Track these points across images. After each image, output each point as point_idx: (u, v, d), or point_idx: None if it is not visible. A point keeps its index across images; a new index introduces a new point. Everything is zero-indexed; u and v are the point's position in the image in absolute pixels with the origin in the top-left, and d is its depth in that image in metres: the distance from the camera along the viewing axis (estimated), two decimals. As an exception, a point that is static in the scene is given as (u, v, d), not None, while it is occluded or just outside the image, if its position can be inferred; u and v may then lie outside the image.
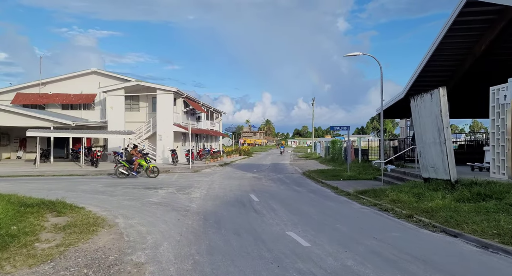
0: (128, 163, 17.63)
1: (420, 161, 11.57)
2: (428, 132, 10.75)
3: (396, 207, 9.47)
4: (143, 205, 9.93)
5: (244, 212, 9.30)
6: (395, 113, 23.02)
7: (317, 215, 9.00)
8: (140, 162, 17.57)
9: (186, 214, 8.86)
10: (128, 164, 17.62)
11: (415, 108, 11.45)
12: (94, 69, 30.22)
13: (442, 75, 17.86)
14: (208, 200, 11.25)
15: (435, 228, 7.39)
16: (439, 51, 15.67)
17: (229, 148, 49.11)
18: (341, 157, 29.90)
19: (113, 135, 25.19)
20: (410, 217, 8.44)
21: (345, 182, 15.93)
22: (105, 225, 7.37)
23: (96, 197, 11.48)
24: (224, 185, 15.23)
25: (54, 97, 29.30)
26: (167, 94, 27.74)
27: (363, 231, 7.25)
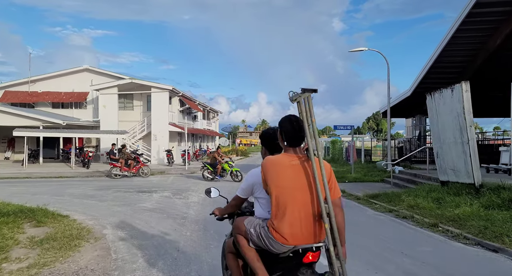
0: (212, 167, 16.71)
1: (437, 162, 10.68)
2: (447, 131, 9.87)
3: (416, 214, 8.56)
4: (135, 212, 8.94)
5: (248, 220, 8.34)
6: (400, 112, 22.18)
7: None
8: (223, 166, 16.57)
9: (184, 222, 7.89)
10: (212, 167, 16.70)
11: (432, 105, 10.56)
12: (86, 66, 29.12)
13: (452, 71, 17.03)
14: (207, 205, 10.28)
15: (468, 240, 6.48)
16: (450, 46, 14.82)
17: (226, 148, 48.14)
18: (342, 158, 29.04)
19: (105, 134, 24.12)
20: (434, 226, 7.53)
21: (351, 185, 15.03)
22: (90, 237, 6.38)
23: (84, 202, 10.47)
24: (224, 188, 14.21)
25: (44, 95, 28.14)
26: (162, 92, 26.75)
27: (388, 245, 6.32)
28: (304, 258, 2.69)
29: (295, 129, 2.72)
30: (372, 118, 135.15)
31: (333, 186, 2.74)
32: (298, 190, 2.64)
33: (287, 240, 2.60)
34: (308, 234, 2.65)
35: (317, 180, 2.60)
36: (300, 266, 2.71)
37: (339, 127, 19.50)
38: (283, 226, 2.60)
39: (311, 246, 2.66)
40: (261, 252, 2.79)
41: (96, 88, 26.71)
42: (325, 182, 2.63)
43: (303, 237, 2.64)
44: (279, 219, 2.62)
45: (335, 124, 19.22)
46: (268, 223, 2.69)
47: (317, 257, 2.75)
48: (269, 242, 2.67)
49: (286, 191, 2.63)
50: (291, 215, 2.61)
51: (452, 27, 13.84)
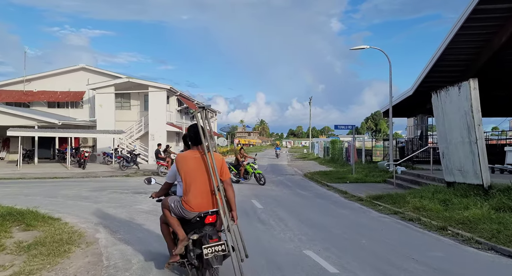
0: (235, 168, 15.74)
1: (443, 163, 10.36)
2: (454, 131, 9.55)
3: (423, 217, 8.23)
4: (131, 215, 8.57)
5: (248, 223, 8.00)
6: (402, 112, 21.85)
7: (333, 226, 7.74)
8: (246, 168, 15.51)
9: (181, 226, 7.53)
10: (236, 169, 15.74)
11: (438, 104, 10.24)
12: (83, 65, 28.70)
13: (455, 70, 16.73)
14: (205, 207, 9.93)
15: (480, 245, 6.15)
16: (453, 44, 14.51)
17: (225, 148, 47.76)
18: (342, 158, 28.71)
19: (102, 134, 23.75)
20: (443, 230, 7.20)
21: (353, 185, 14.70)
22: (82, 242, 6.02)
23: (78, 204, 10.09)
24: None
25: (40, 94, 27.71)
26: (160, 91, 26.37)
27: (396, 249, 5.99)
28: (206, 220, 4.09)
29: (194, 135, 4.23)
30: (370, 118, 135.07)
31: (224, 171, 4.18)
32: (198, 174, 4.06)
33: (193, 208, 4.01)
34: (207, 204, 4.06)
35: (209, 167, 4.06)
36: (204, 226, 4.11)
37: (340, 127, 19.16)
38: (190, 199, 4.00)
39: (209, 211, 4.07)
40: (180, 220, 4.18)
41: (93, 87, 26.31)
42: (216, 168, 4.07)
43: (204, 206, 4.05)
44: (187, 194, 4.02)
45: (336, 124, 18.79)
46: (181, 199, 4.07)
47: (215, 219, 4.14)
48: (182, 211, 4.06)
49: (190, 175, 4.05)
50: (194, 191, 4.01)
51: (455, 25, 13.53)
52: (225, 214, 4.10)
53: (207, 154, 4.10)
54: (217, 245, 3.91)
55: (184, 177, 4.05)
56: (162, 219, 4.58)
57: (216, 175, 4.05)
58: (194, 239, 4.08)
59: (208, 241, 3.94)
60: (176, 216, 4.17)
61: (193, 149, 4.25)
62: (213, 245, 3.90)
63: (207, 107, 4.58)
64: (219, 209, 4.07)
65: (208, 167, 4.07)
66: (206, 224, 4.10)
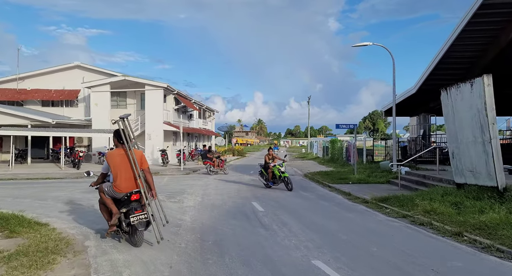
0: (265, 171, 14.20)
1: (452, 163, 9.90)
2: (465, 130, 9.08)
3: (434, 221, 7.76)
4: (124, 219, 8.04)
5: (249, 227, 7.51)
6: (404, 111, 21.41)
7: (340, 231, 7.25)
8: (274, 171, 13.66)
9: (178, 231, 7.04)
10: (266, 172, 14.17)
11: (447, 102, 9.77)
12: (77, 63, 28.09)
13: (460, 67, 16.29)
14: (203, 210, 9.44)
15: (502, 253, 5.68)
16: (459, 41, 14.05)
17: (222, 148, 47.24)
18: (342, 158, 28.26)
19: (97, 134, 23.22)
20: (458, 235, 6.73)
21: (356, 187, 14.24)
22: (69, 251, 5.50)
23: (69, 207, 9.55)
24: (221, 190, 13.41)
25: (33, 93, 27.10)
26: (157, 90, 25.83)
27: (412, 258, 5.51)
28: (131, 198, 5.71)
29: (117, 138, 5.87)
30: (368, 117, 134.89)
31: (143, 162, 5.90)
32: (123, 166, 5.73)
33: (122, 190, 5.71)
34: (132, 186, 5.75)
35: (131, 160, 5.72)
36: (131, 202, 5.73)
37: (342, 126, 18.69)
38: (118, 184, 5.70)
39: (133, 191, 5.71)
40: (113, 199, 5.77)
41: (88, 85, 25.74)
42: (136, 160, 5.74)
43: (129, 187, 5.73)
44: (116, 180, 5.71)
45: (335, 123, 18.33)
46: (112, 184, 5.75)
47: (138, 197, 5.76)
48: (114, 193, 5.74)
49: (117, 167, 5.72)
50: (121, 178, 5.70)
51: (462, 21, 13.07)
52: (145, 192, 5.80)
53: (128, 151, 5.79)
54: (141, 215, 5.58)
55: (113, 168, 5.77)
56: (100, 201, 6.08)
57: (137, 166, 5.76)
58: (124, 212, 5.71)
59: (134, 212, 5.58)
60: (110, 196, 5.83)
61: (118, 147, 5.95)
62: (138, 215, 5.56)
63: (126, 117, 6.11)
64: (141, 189, 5.75)
65: (130, 160, 5.76)
66: (132, 200, 5.76)
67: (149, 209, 5.70)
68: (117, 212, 5.66)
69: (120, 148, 5.86)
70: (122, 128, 5.82)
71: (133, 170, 5.72)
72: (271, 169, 13.73)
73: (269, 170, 13.81)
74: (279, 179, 13.64)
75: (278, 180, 13.76)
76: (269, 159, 14.01)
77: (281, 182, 13.68)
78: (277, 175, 13.58)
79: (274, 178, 13.81)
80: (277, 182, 13.87)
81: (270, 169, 13.77)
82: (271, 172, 13.73)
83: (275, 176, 13.76)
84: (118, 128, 5.85)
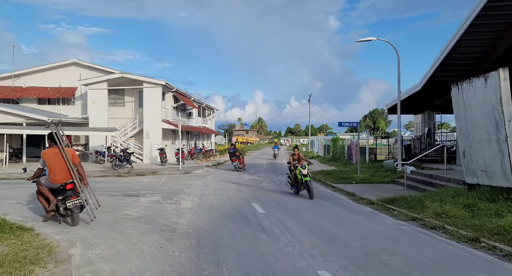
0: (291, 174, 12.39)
1: (463, 163, 9.39)
2: (478, 127, 8.57)
3: (447, 224, 7.26)
4: (116, 223, 7.55)
5: (249, 232, 7.00)
6: (408, 108, 20.86)
7: (347, 236, 6.75)
8: (297, 174, 11.70)
9: (172, 236, 6.53)
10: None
11: (458, 98, 9.25)
12: (74, 60, 27.53)
13: (467, 63, 15.75)
14: (201, 212, 8.93)
15: (527, 261, 5.18)
16: (467, 35, 13.49)
17: (222, 146, 46.73)
18: (344, 157, 27.75)
19: (93, 132, 22.68)
20: (475, 241, 6.22)
21: (360, 187, 13.74)
22: (50, 260, 5.00)
23: (59, 209, 9.05)
24: (220, 190, 12.91)
25: (29, 90, 26.55)
26: (155, 87, 25.27)
27: (429, 268, 5.00)
28: (67, 187, 6.93)
29: (50, 140, 7.18)
30: (368, 116, 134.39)
31: (74, 157, 7.19)
32: (58, 161, 6.96)
33: (57, 181, 6.94)
34: (66, 177, 6.98)
35: (64, 156, 7.02)
36: (66, 191, 6.94)
37: (344, 124, 18.19)
38: (53, 177, 6.93)
39: (67, 181, 6.96)
40: (50, 190, 7.01)
41: (85, 82, 25.19)
42: (68, 156, 7.05)
43: (64, 179, 6.97)
44: (51, 174, 6.93)
45: (335, 121, 17.82)
46: (49, 177, 6.96)
47: (72, 186, 6.99)
48: (50, 184, 6.97)
49: (52, 162, 6.93)
50: (56, 171, 6.92)
51: (471, 14, 12.52)
52: (78, 182, 7.05)
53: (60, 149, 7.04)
54: (75, 200, 6.84)
55: (48, 164, 6.93)
56: (37, 192, 7.16)
57: (70, 160, 7.01)
58: (60, 199, 6.88)
59: (70, 199, 6.81)
60: (47, 187, 6.98)
61: (53, 146, 7.09)
62: (73, 200, 6.81)
63: (58, 122, 7.44)
64: (74, 180, 7.01)
65: (63, 156, 7.00)
66: (67, 189, 6.94)
67: (82, 195, 7.06)
68: (54, 200, 6.88)
69: (54, 147, 7.06)
70: (54, 131, 7.12)
71: (66, 164, 6.99)
72: (294, 172, 11.89)
73: (293, 173, 12.02)
74: (301, 183, 11.69)
75: (300, 185, 11.79)
76: (293, 160, 12.12)
77: (304, 188, 11.69)
78: (299, 179, 11.64)
79: (297, 182, 11.94)
80: (300, 187, 11.93)
81: (294, 171, 11.92)
82: (294, 175, 11.88)
83: (296, 179, 11.90)
84: (51, 131, 7.14)
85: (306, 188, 11.43)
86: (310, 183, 11.42)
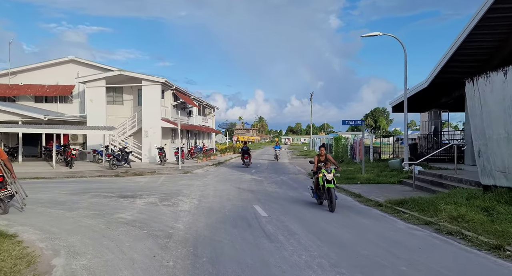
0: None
1: (478, 163, 8.84)
2: (495, 125, 8.02)
3: (465, 230, 6.72)
4: (108, 227, 7.03)
5: (251, 238, 6.47)
6: (414, 106, 20.30)
7: (357, 243, 6.21)
8: (319, 178, 9.46)
9: (167, 243, 5.99)
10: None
11: (473, 93, 8.70)
12: (72, 57, 26.98)
13: (476, 59, 15.18)
14: (199, 215, 8.40)
15: (561, 274, 4.64)
16: (477, 29, 12.94)
17: (223, 145, 46.20)
18: (347, 156, 27.19)
19: (91, 131, 22.19)
20: (499, 249, 5.68)
21: (366, 187, 13.20)
22: (28, 273, 4.47)
23: (49, 212, 8.54)
24: (220, 191, 12.38)
25: (26, 88, 26.01)
26: (154, 85, 24.74)
27: (452, 282, 4.46)
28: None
29: None
30: (370, 115, 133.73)
31: (1, 154, 8.25)
32: None
33: None
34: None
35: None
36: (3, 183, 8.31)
37: (348, 122, 17.65)
38: None
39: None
40: None
41: (82, 80, 24.67)
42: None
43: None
44: None
45: (337, 120, 17.29)
46: None
47: (2, 179, 8.06)
48: None
49: None
50: None
51: (483, 6, 11.96)
52: (8, 176, 8.05)
53: None
54: (5, 191, 7.93)
55: None
56: None
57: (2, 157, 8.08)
58: None
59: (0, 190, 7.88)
60: None
61: None
62: (3, 192, 7.90)
63: None
64: (3, 174, 8.00)
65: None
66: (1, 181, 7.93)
67: (12, 187, 8.11)
68: None
69: None
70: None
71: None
72: (317, 175, 9.69)
73: (316, 177, 9.79)
74: (322, 190, 9.51)
75: (322, 192, 9.55)
76: (319, 161, 9.92)
77: (326, 197, 9.41)
78: (320, 184, 9.45)
79: (318, 189, 9.76)
80: (322, 196, 9.65)
81: (317, 176, 9.71)
82: (317, 179, 9.67)
83: (319, 187, 9.69)
84: None
85: (328, 197, 9.23)
86: (334, 192, 9.16)
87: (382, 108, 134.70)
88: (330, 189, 9.13)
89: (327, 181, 9.21)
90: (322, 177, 9.35)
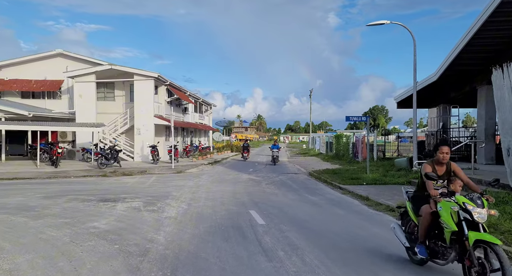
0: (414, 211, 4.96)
1: (507, 162, 7.72)
2: (531, 119, 6.88)
3: (503, 243, 5.58)
4: (72, 241, 5.86)
5: (245, 255, 5.31)
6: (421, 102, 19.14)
7: (375, 263, 5.07)
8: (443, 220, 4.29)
9: (140, 264, 4.83)
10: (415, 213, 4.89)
11: (502, 82, 7.56)
12: (60, 50, 25.73)
13: (490, 50, 14.09)
14: (186, 223, 7.25)
15: None
16: (493, 17, 11.86)
17: (220, 144, 45.03)
18: (348, 154, 26.06)
19: (79, 128, 21.01)
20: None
21: (373, 189, 12.06)
22: None
23: (10, 220, 7.36)
24: (213, 193, 11.23)
25: (11, 83, 24.76)
26: (147, 80, 23.54)
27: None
28: None
29: None
30: (369, 112, 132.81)
31: None
32: None
33: None
34: None
35: None
36: None
37: (352, 118, 16.53)
38: None
39: None
40: None
41: (71, 75, 23.45)
42: None
43: None
44: None
45: (341, 117, 16.15)
46: None
47: None
48: None
49: None
50: None
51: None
52: None
53: None
54: None
55: None
56: None
57: None
58: None
59: None
60: None
61: None
62: None
63: None
64: None
65: None
66: None
67: None
68: None
69: None
70: None
71: None
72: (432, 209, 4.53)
73: (427, 211, 4.56)
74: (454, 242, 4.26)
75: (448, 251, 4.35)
76: (439, 176, 4.82)
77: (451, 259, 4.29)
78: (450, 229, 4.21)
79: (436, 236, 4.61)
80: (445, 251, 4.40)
81: (429, 208, 4.57)
82: (431, 215, 4.53)
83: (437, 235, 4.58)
84: None
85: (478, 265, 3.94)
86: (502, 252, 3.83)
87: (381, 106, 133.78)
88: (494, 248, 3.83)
89: (474, 226, 4.09)
90: (456, 212, 4.18)
